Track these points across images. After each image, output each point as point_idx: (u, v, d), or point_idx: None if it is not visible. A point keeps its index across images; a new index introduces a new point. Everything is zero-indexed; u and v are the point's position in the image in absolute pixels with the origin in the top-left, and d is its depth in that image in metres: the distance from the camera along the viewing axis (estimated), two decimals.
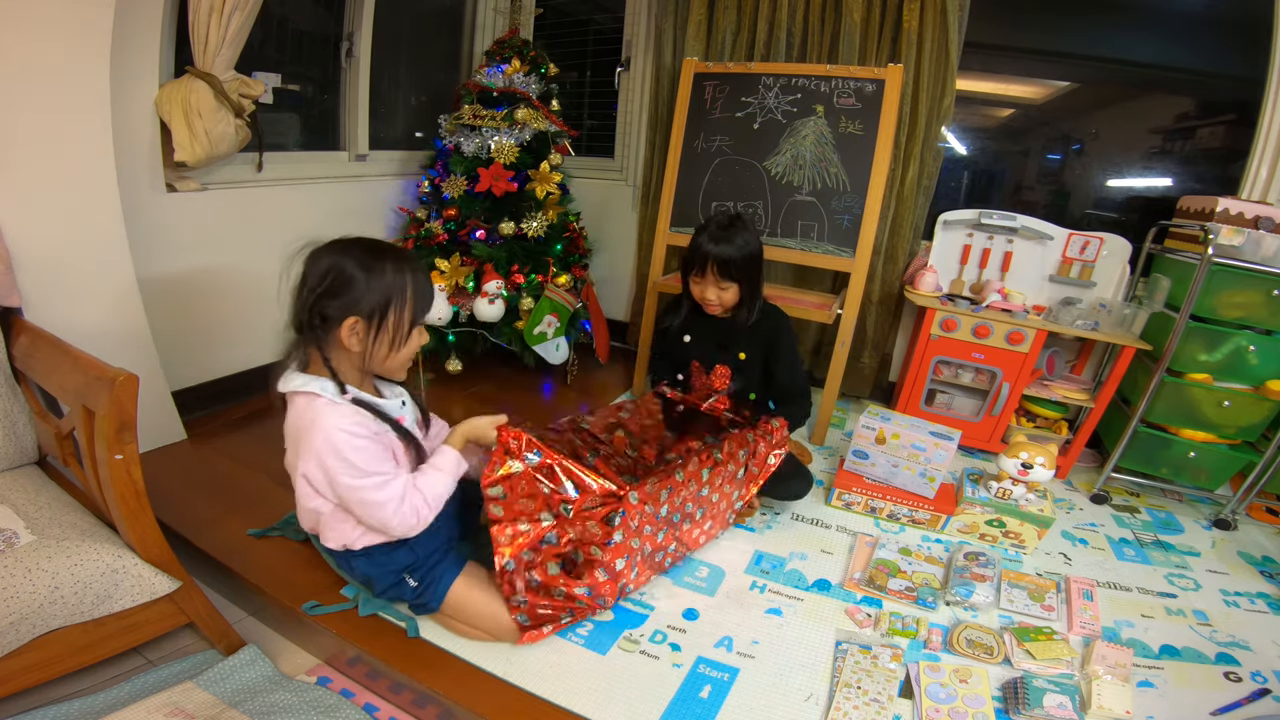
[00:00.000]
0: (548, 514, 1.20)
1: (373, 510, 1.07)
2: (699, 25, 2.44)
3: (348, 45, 2.35)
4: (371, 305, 1.05)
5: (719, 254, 1.60)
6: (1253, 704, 1.24)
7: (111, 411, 0.98)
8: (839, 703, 1.14)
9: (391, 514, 1.07)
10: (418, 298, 1.09)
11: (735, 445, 1.47)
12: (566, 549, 1.21)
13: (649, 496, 1.26)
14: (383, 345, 1.08)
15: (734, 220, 1.65)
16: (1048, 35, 2.32)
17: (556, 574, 1.20)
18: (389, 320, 1.06)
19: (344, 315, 1.04)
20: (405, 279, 1.07)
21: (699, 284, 1.68)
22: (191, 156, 1.73)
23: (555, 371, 2.57)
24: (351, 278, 1.03)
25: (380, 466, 1.08)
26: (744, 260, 1.62)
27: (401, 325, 1.08)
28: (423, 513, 1.11)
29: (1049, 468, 1.61)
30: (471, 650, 1.19)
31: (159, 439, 1.82)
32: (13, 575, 0.95)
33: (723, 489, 1.47)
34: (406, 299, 1.08)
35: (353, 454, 1.04)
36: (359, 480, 1.05)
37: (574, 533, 1.21)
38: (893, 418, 1.74)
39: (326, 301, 1.04)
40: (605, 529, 1.20)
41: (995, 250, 2.22)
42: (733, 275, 1.62)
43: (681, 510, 1.38)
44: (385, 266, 1.05)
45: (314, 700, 1.13)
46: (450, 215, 2.30)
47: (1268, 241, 1.73)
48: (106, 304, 1.62)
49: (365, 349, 1.07)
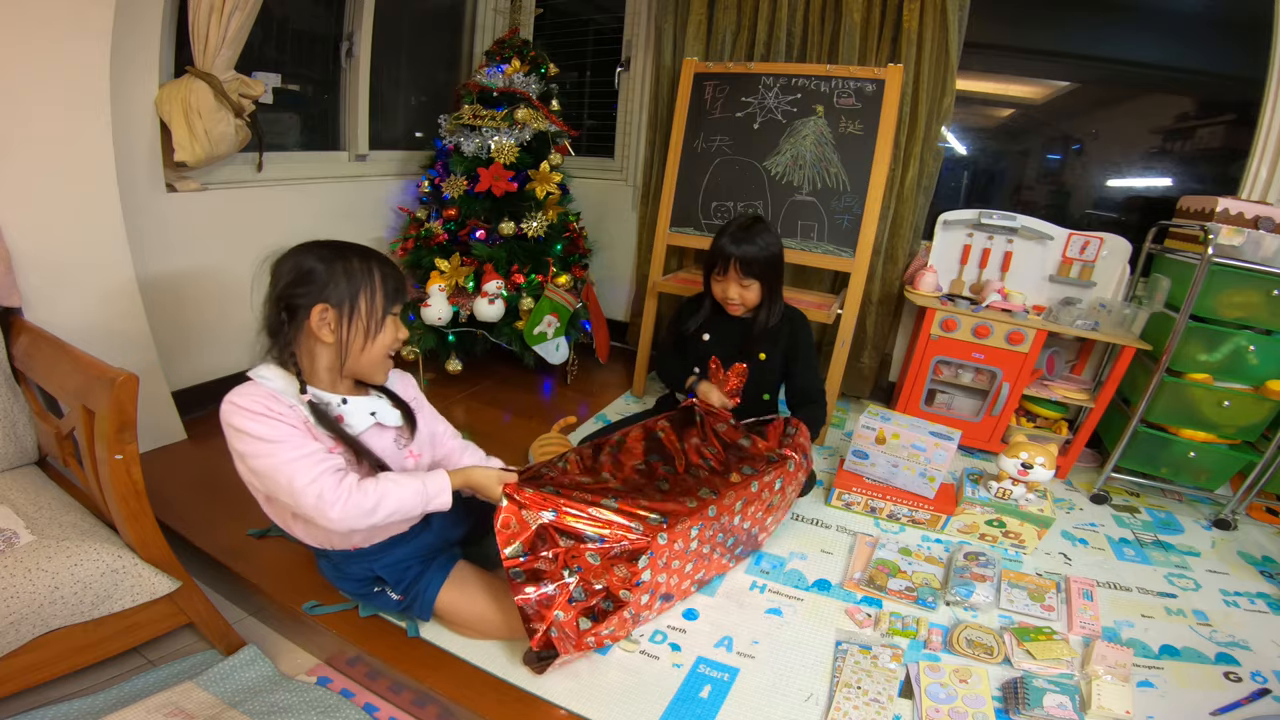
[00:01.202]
0: (569, 571, 1.15)
1: (279, 485, 0.98)
2: (699, 25, 2.44)
3: (348, 45, 2.35)
4: (340, 294, 1.03)
5: (741, 253, 1.61)
6: (1253, 704, 1.24)
7: (111, 411, 0.98)
8: (839, 703, 1.14)
9: (302, 490, 0.97)
10: (387, 284, 1.07)
11: (775, 474, 1.45)
12: (593, 602, 1.16)
13: (679, 535, 1.24)
14: (357, 334, 1.05)
15: (755, 220, 1.67)
16: (1048, 35, 2.32)
17: (587, 628, 1.15)
18: (360, 307, 1.04)
19: (311, 303, 1.02)
20: (371, 266, 1.06)
21: (720, 283, 1.69)
22: (191, 156, 1.73)
23: (555, 371, 2.57)
24: (314, 269, 1.02)
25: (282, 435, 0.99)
26: (765, 259, 1.63)
27: (374, 311, 1.06)
28: (366, 509, 1.01)
29: (1049, 468, 1.61)
30: (471, 650, 1.19)
31: (159, 439, 1.82)
32: (13, 575, 0.95)
33: (755, 515, 1.45)
34: (375, 285, 1.05)
35: (245, 421, 0.98)
36: (253, 447, 0.98)
37: (600, 582, 1.17)
38: (893, 418, 1.74)
39: (293, 292, 1.02)
40: (633, 569, 1.17)
41: (995, 250, 2.22)
42: (755, 273, 1.64)
43: (713, 541, 1.36)
44: (349, 256, 1.04)
45: (314, 700, 1.13)
46: (450, 215, 2.30)
47: (1268, 241, 1.73)
48: (106, 304, 1.62)
49: (340, 339, 1.04)
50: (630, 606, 1.19)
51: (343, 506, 0.98)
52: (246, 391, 1.01)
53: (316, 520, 1.00)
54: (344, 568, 1.19)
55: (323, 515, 0.98)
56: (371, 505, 1.01)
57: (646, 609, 1.26)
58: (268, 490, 1.03)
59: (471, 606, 1.19)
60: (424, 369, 2.33)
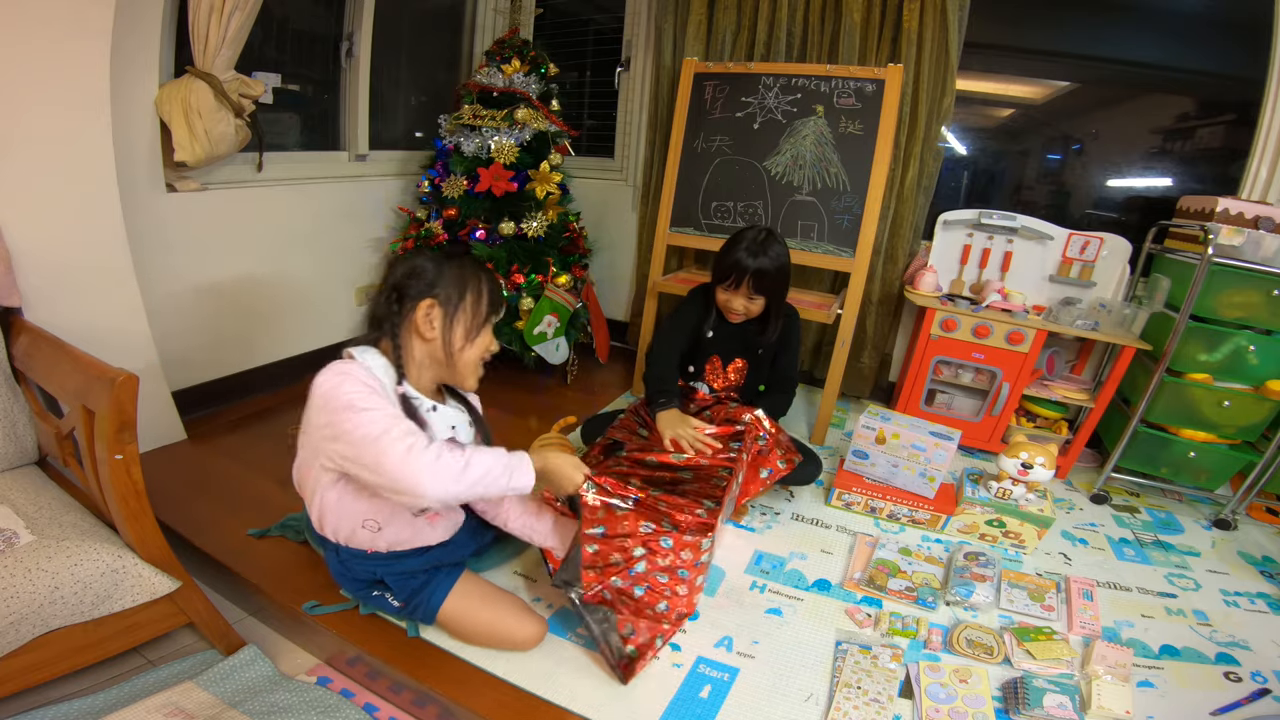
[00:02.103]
0: (641, 548, 1.20)
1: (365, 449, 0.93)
2: (699, 25, 2.44)
3: (348, 45, 2.35)
4: (449, 292, 1.08)
5: (757, 266, 1.61)
6: (1253, 704, 1.24)
7: (111, 411, 0.98)
8: (839, 703, 1.14)
9: (389, 448, 0.92)
10: (491, 293, 1.13)
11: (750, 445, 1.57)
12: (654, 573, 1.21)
13: (719, 511, 1.31)
14: (458, 333, 1.09)
15: (770, 236, 1.66)
16: (1048, 35, 2.32)
17: (642, 595, 1.21)
18: (465, 305, 1.09)
19: (421, 296, 1.07)
20: (480, 274, 1.13)
21: (728, 293, 1.68)
22: (191, 156, 1.73)
23: (555, 371, 2.57)
24: (427, 268, 1.09)
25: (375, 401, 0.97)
26: (777, 273, 1.64)
27: (479, 313, 1.11)
28: (452, 467, 0.95)
29: (1049, 468, 1.61)
30: (471, 650, 1.19)
31: (159, 439, 1.82)
32: (13, 575, 0.95)
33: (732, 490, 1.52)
34: (482, 291, 1.12)
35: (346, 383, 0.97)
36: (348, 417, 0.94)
37: (666, 560, 1.21)
38: (893, 418, 1.74)
39: (406, 283, 1.08)
40: (696, 551, 1.22)
41: (995, 250, 2.22)
42: (764, 289, 1.64)
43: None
44: (462, 262, 1.12)
45: (314, 700, 1.13)
46: (450, 215, 2.30)
47: (1268, 241, 1.73)
48: (106, 304, 1.62)
49: (441, 335, 1.08)
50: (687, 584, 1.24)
51: (434, 463, 0.94)
52: (347, 367, 1.00)
53: (401, 480, 0.93)
54: (350, 565, 1.19)
55: (410, 469, 0.92)
56: (461, 466, 0.96)
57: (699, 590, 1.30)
58: (353, 448, 0.95)
59: (476, 617, 1.19)
60: None
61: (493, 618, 1.19)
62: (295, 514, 1.49)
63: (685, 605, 1.26)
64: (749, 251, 1.63)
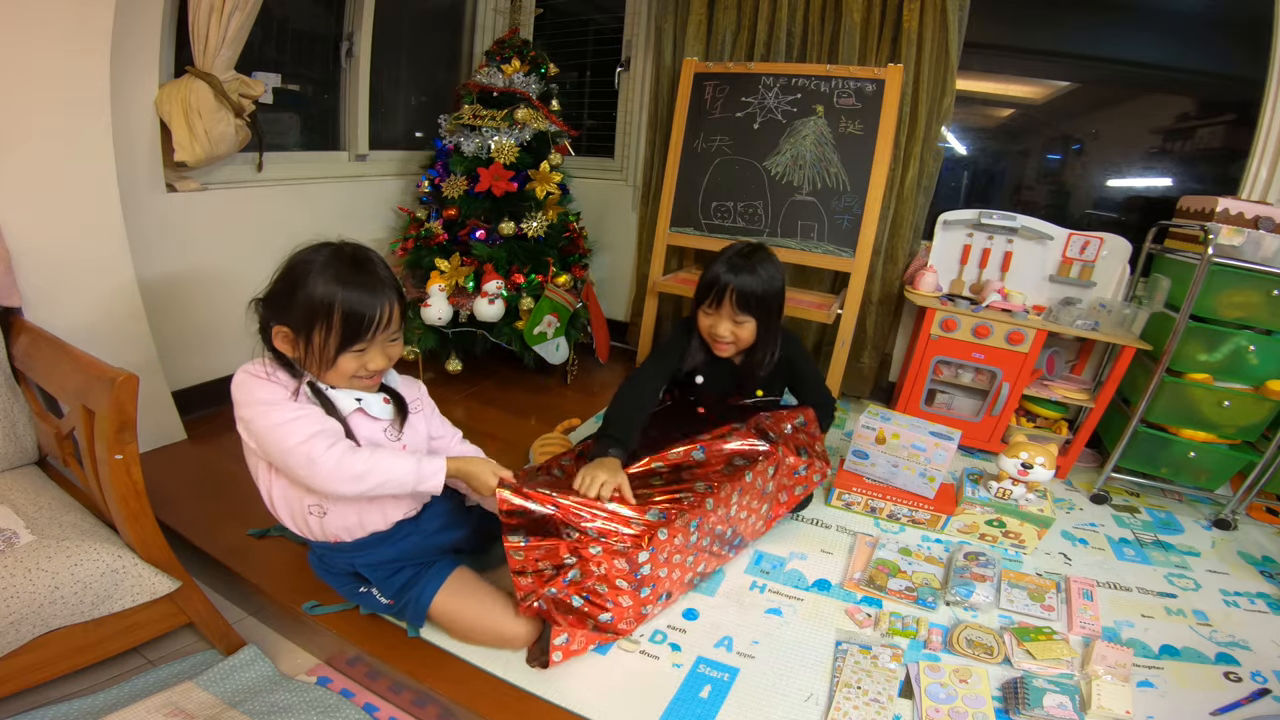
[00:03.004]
0: (571, 555, 1.15)
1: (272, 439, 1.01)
2: (699, 25, 2.44)
3: (348, 45, 2.35)
4: (296, 322, 1.03)
5: (739, 283, 1.44)
6: (1253, 704, 1.24)
7: (111, 411, 0.98)
8: (839, 703, 1.14)
9: (291, 436, 0.99)
10: (346, 325, 1.02)
11: (767, 463, 1.43)
12: (589, 583, 1.17)
13: (679, 530, 1.25)
14: (311, 361, 1.05)
15: (757, 249, 1.49)
16: (1048, 35, 2.32)
17: (580, 605, 1.17)
18: (314, 340, 1.02)
19: (271, 320, 1.04)
20: (334, 303, 1.00)
21: (710, 316, 1.51)
22: (191, 156, 1.73)
23: (555, 371, 2.57)
24: (285, 288, 1.03)
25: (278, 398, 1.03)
26: (764, 293, 1.47)
27: (326, 349, 1.03)
28: (350, 470, 1.01)
29: (1049, 468, 1.61)
30: (471, 650, 1.19)
31: (159, 439, 1.82)
32: (13, 575, 0.95)
33: (750, 505, 1.45)
34: (332, 325, 1.01)
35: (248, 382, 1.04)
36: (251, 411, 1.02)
37: (600, 569, 1.17)
38: (893, 417, 1.74)
39: (268, 296, 1.06)
40: (634, 563, 1.19)
41: (995, 250, 2.22)
42: (751, 308, 1.46)
43: (712, 534, 1.37)
44: (317, 284, 1.00)
45: (314, 700, 1.13)
46: (450, 215, 2.30)
47: (1268, 241, 1.73)
48: (106, 304, 1.62)
49: (298, 357, 1.05)
50: (627, 594, 1.20)
51: (332, 467, 1.00)
52: (251, 365, 1.07)
53: (309, 483, 1.02)
54: (327, 560, 1.20)
55: (313, 476, 1.01)
56: (362, 470, 1.02)
57: (649, 602, 1.26)
58: (265, 454, 1.05)
59: (467, 614, 1.17)
60: (424, 369, 2.33)
61: (484, 613, 1.17)
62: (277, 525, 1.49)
63: (633, 616, 1.23)
64: (730, 265, 1.46)
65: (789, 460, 1.50)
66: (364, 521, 1.15)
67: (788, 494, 1.56)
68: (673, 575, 1.30)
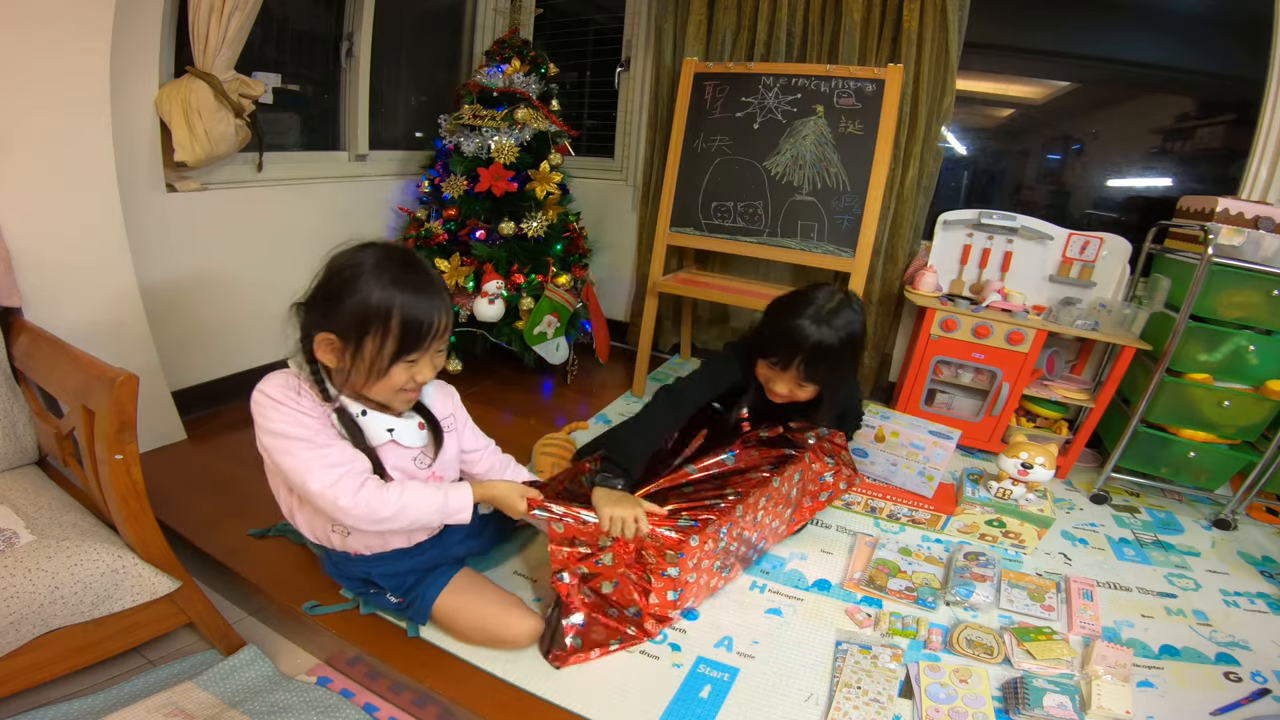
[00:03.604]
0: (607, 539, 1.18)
1: (293, 474, 0.97)
2: (699, 25, 2.44)
3: (348, 45, 2.35)
4: (346, 330, 0.96)
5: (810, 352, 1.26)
6: (1253, 704, 1.24)
7: (111, 411, 0.98)
8: (839, 703, 1.14)
9: (314, 477, 0.96)
10: (404, 333, 0.96)
11: (793, 469, 1.44)
12: (622, 570, 1.20)
13: (709, 536, 1.27)
14: (360, 371, 0.98)
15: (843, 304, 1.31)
16: (1048, 35, 2.32)
17: (610, 592, 1.20)
18: (365, 349, 0.96)
19: (316, 327, 0.97)
20: (392, 309, 0.95)
21: (772, 373, 1.37)
22: (191, 156, 1.73)
23: (555, 371, 2.57)
24: (334, 292, 0.96)
25: (302, 433, 0.98)
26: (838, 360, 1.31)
27: (380, 359, 0.97)
28: (378, 512, 0.99)
29: (1049, 468, 1.61)
30: (471, 650, 1.19)
31: (159, 439, 1.82)
32: (13, 575, 0.95)
33: (775, 509, 1.46)
34: (388, 333, 0.95)
35: (269, 411, 0.97)
36: (275, 440, 0.97)
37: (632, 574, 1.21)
38: (892, 416, 1.74)
39: (312, 301, 0.99)
40: (663, 564, 1.21)
41: (995, 250, 2.22)
42: (818, 378, 1.32)
43: (740, 539, 1.38)
44: (373, 289, 0.94)
45: (314, 700, 1.13)
46: (450, 215, 2.30)
47: (1268, 241, 1.73)
48: (106, 304, 1.62)
49: (343, 368, 0.99)
50: (654, 592, 1.22)
51: (359, 515, 0.99)
52: (276, 381, 1.00)
53: (326, 512, 1.01)
54: (343, 567, 1.20)
55: (338, 519, 1.01)
56: (389, 515, 1.00)
57: (675, 607, 1.27)
58: (288, 483, 1.03)
59: (472, 613, 1.17)
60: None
61: (486, 614, 1.17)
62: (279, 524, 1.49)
63: (659, 612, 1.24)
64: (812, 322, 1.27)
65: (815, 467, 1.51)
66: (387, 541, 1.16)
67: (812, 499, 1.58)
68: (700, 580, 1.31)
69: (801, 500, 1.54)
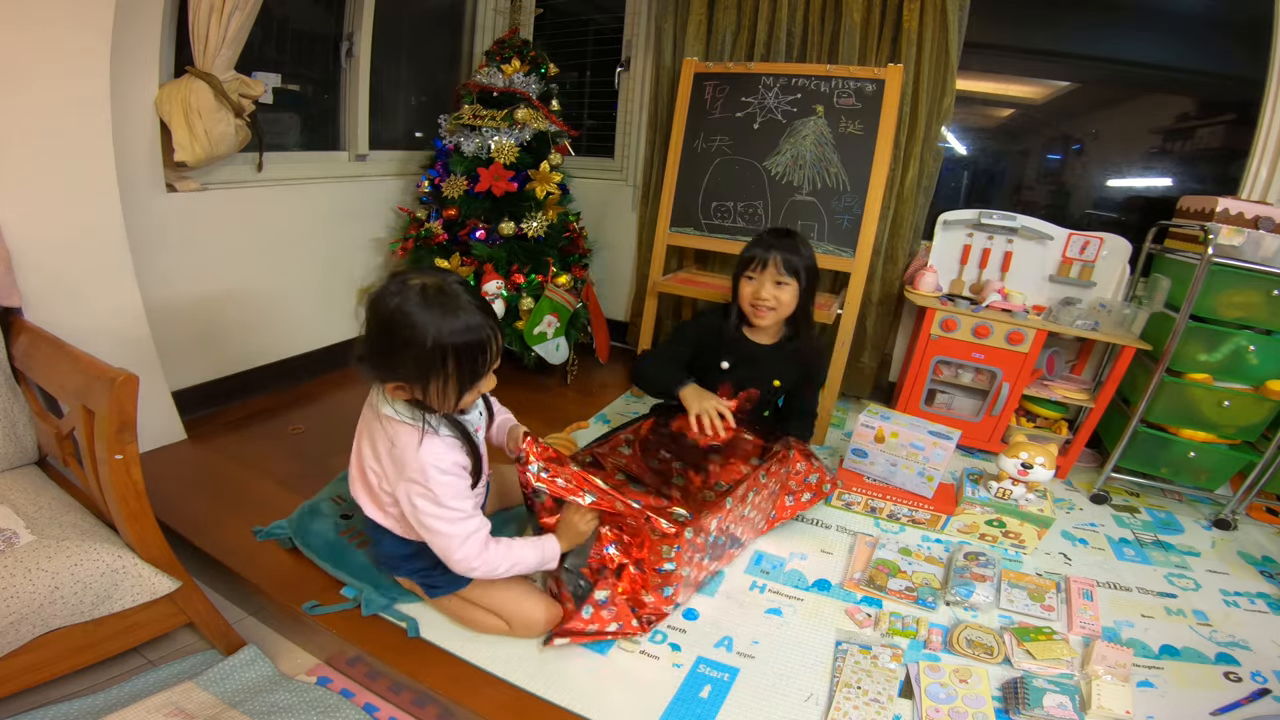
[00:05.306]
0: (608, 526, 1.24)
1: (438, 540, 1.09)
2: (699, 25, 2.44)
3: (348, 45, 2.35)
4: (410, 377, 1.02)
5: (783, 248, 1.55)
6: (1253, 704, 1.24)
7: (111, 411, 0.98)
8: (839, 703, 1.14)
9: (456, 549, 1.08)
10: (462, 371, 1.03)
11: (779, 465, 1.52)
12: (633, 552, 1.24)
13: (702, 528, 1.29)
14: (434, 404, 1.06)
15: (792, 231, 1.65)
16: (1048, 35, 2.32)
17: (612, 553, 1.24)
18: (432, 388, 1.03)
19: (383, 379, 1.05)
20: (445, 351, 0.99)
21: (754, 281, 1.58)
22: (191, 156, 1.73)
23: (555, 371, 2.57)
24: (387, 346, 1.01)
25: (458, 503, 1.08)
26: (805, 260, 1.57)
27: (446, 395, 1.04)
28: (496, 568, 1.13)
29: (1049, 468, 1.61)
30: (471, 650, 1.19)
31: (159, 439, 1.82)
32: (13, 575, 0.95)
33: (758, 503, 1.50)
34: (449, 373, 1.02)
35: (437, 486, 1.05)
36: (434, 508, 1.07)
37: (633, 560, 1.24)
38: (892, 416, 1.74)
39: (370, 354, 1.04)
40: (659, 558, 1.23)
41: (995, 250, 2.22)
42: (794, 270, 1.55)
43: (725, 533, 1.40)
44: (425, 332, 0.98)
45: (314, 700, 1.13)
46: (450, 215, 2.30)
47: (1268, 241, 1.73)
48: (106, 304, 1.62)
49: (421, 399, 1.06)
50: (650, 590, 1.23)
51: (482, 571, 1.12)
52: (439, 451, 1.06)
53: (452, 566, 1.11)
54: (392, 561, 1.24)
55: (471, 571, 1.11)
56: (504, 570, 1.14)
57: (668, 603, 1.28)
58: (421, 532, 1.10)
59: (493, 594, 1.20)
60: None
61: (509, 596, 1.20)
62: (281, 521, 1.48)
63: (654, 608, 1.26)
64: (774, 233, 1.60)
65: (799, 466, 1.59)
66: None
67: (794, 498, 1.61)
68: (689, 574, 1.32)
69: (783, 496, 1.58)
